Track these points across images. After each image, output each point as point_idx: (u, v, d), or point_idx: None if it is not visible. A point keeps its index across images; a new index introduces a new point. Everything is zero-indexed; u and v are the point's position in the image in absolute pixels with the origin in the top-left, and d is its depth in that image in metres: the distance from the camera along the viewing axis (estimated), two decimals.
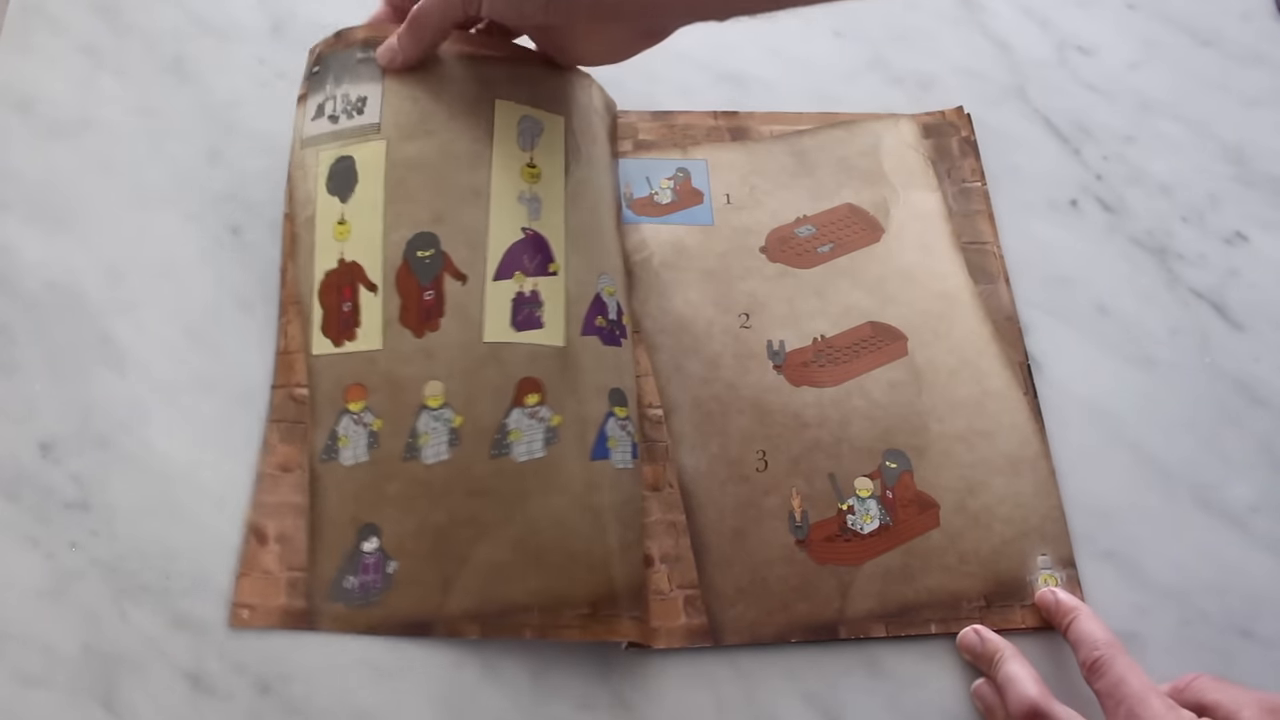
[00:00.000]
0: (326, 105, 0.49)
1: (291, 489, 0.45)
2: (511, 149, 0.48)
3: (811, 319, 0.51)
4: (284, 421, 0.46)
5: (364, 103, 0.48)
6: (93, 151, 0.52)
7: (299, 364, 0.46)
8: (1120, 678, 0.40)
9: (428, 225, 0.46)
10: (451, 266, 0.46)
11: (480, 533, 0.43)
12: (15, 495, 0.44)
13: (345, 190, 0.47)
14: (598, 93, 0.53)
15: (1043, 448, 0.49)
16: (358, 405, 0.45)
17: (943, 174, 0.56)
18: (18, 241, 0.49)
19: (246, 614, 0.43)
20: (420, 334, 0.45)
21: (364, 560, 0.44)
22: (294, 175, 0.49)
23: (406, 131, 0.47)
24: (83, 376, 0.47)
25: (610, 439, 0.45)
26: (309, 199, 0.48)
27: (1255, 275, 0.55)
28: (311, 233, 0.47)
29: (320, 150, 0.48)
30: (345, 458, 0.45)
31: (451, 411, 0.44)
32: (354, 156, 0.47)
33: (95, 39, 0.55)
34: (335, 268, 0.47)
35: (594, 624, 0.42)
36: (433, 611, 0.43)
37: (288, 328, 0.47)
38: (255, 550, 0.44)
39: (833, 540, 0.47)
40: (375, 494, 0.44)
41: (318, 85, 0.49)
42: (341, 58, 0.49)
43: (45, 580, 0.43)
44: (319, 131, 0.48)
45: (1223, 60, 0.61)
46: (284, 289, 0.48)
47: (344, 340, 0.46)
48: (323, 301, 0.47)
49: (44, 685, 0.41)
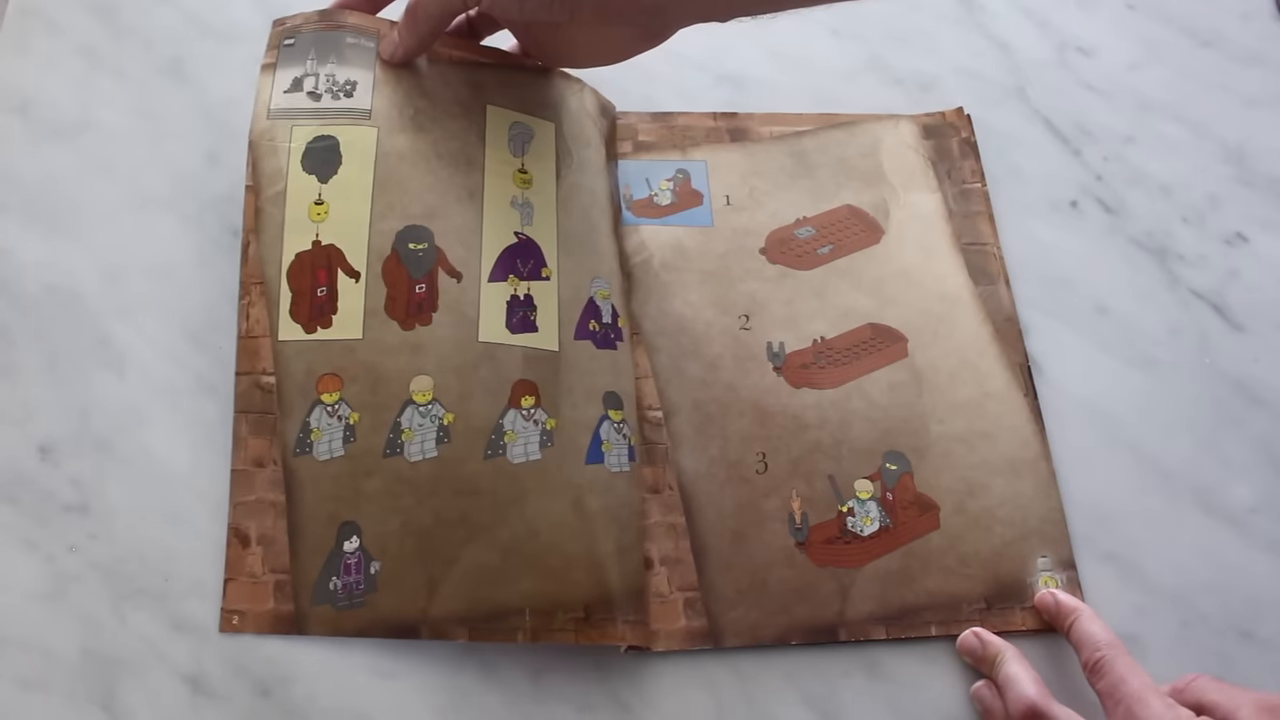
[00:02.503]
0: (306, 81, 0.47)
1: (267, 486, 0.43)
2: (503, 154, 0.48)
3: (811, 320, 0.51)
4: (251, 412, 0.44)
5: (354, 86, 0.47)
6: (91, 153, 0.52)
7: (264, 349, 0.44)
8: (1120, 678, 0.40)
9: (420, 219, 0.46)
10: (446, 263, 0.45)
11: (470, 534, 0.43)
12: (14, 498, 0.44)
13: (326, 170, 0.46)
14: (590, 96, 0.53)
15: (1043, 449, 0.49)
16: (332, 396, 0.43)
17: (943, 175, 0.56)
18: (16, 243, 0.49)
19: (236, 619, 0.42)
20: (409, 326, 0.44)
21: (346, 560, 0.43)
22: (259, 145, 0.46)
23: (398, 124, 0.47)
24: (81, 379, 0.47)
25: (604, 443, 0.45)
26: (279, 173, 0.46)
27: (1255, 276, 0.55)
28: (281, 209, 0.45)
29: (295, 125, 0.47)
30: (320, 451, 0.43)
31: (441, 408, 0.44)
32: (337, 138, 0.46)
33: (93, 41, 0.54)
34: (309, 249, 0.45)
35: (588, 628, 0.42)
36: (418, 614, 0.42)
37: (250, 310, 0.45)
38: (239, 553, 0.43)
39: (833, 542, 0.47)
40: (353, 490, 0.43)
41: (293, 58, 0.48)
42: (327, 37, 0.48)
43: (44, 583, 0.43)
44: (294, 105, 0.47)
45: (1223, 60, 0.61)
46: (245, 266, 0.45)
47: (317, 326, 0.44)
48: (292, 284, 0.45)
49: (43, 688, 0.41)
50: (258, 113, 0.47)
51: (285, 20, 0.49)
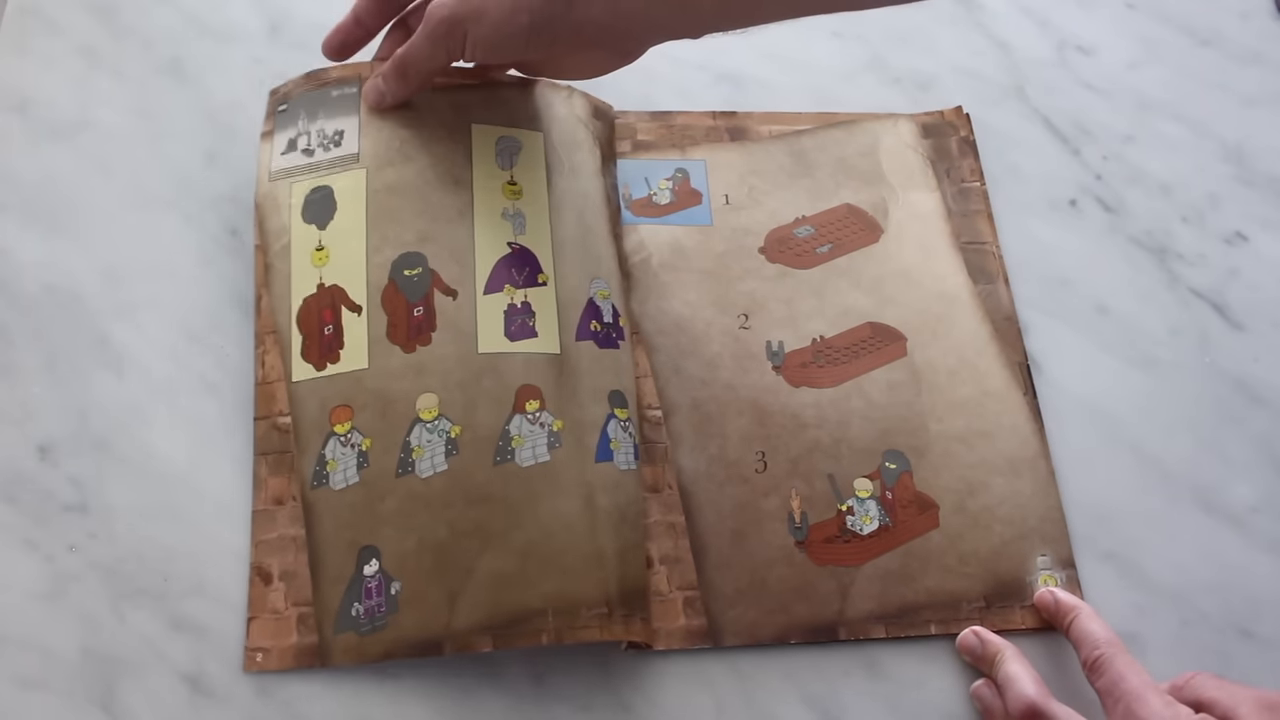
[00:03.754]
0: (299, 140, 0.50)
1: (288, 522, 0.44)
2: (491, 169, 0.49)
3: (810, 320, 0.51)
4: (270, 454, 0.45)
5: (341, 135, 0.49)
6: (90, 153, 0.52)
7: (280, 393, 0.46)
8: (1120, 675, 0.40)
9: (413, 245, 0.47)
10: (441, 283, 0.46)
11: (485, 543, 0.43)
12: (14, 498, 0.44)
13: (323, 218, 0.48)
14: (580, 101, 0.53)
15: (1042, 448, 0.49)
16: (344, 426, 0.45)
17: (942, 174, 0.56)
18: (15, 243, 0.49)
19: (260, 657, 0.42)
20: (410, 349, 0.45)
21: (367, 585, 0.43)
22: (263, 207, 0.49)
23: (386, 159, 0.48)
24: (81, 379, 0.47)
25: (613, 441, 0.45)
26: (283, 229, 0.48)
27: (1255, 275, 0.55)
28: (287, 261, 0.48)
29: (294, 182, 0.49)
30: (336, 481, 0.44)
31: (448, 422, 0.44)
32: (331, 186, 0.48)
33: (93, 40, 0.54)
34: (314, 293, 0.47)
35: (612, 624, 0.42)
36: (441, 629, 0.42)
37: (265, 358, 0.47)
38: (261, 591, 0.43)
39: (832, 541, 0.47)
40: (370, 514, 0.44)
41: (287, 122, 0.50)
42: (314, 96, 0.50)
43: (44, 583, 0.43)
44: (291, 165, 0.49)
45: (1222, 60, 0.61)
46: (258, 320, 0.47)
47: (326, 363, 0.46)
48: (302, 327, 0.46)
49: (42, 688, 0.41)
50: (260, 177, 0.49)
51: (278, 89, 0.51)
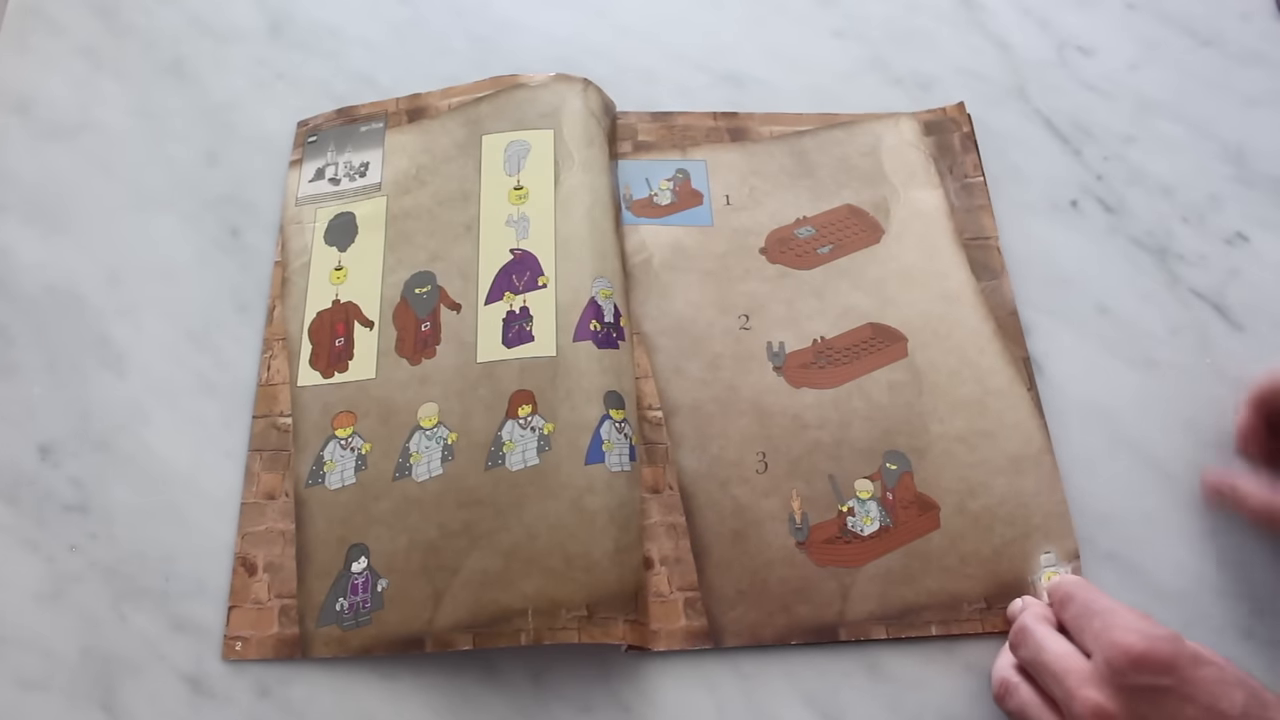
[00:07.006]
0: (327, 170, 0.53)
1: (278, 516, 0.45)
2: (499, 177, 0.51)
3: (811, 320, 0.51)
4: (265, 450, 0.46)
5: (366, 167, 0.53)
6: (91, 153, 0.52)
7: (282, 395, 0.48)
8: (1084, 602, 0.41)
9: (425, 265, 0.50)
10: (447, 298, 0.49)
11: (472, 543, 0.44)
12: (14, 498, 0.44)
13: (344, 241, 0.51)
14: (594, 95, 0.53)
15: (1046, 443, 0.49)
16: (345, 430, 0.47)
17: (944, 170, 0.56)
18: (16, 243, 0.49)
19: (240, 646, 0.43)
20: (416, 361, 0.48)
21: (353, 581, 0.44)
22: (288, 229, 0.52)
23: (405, 186, 0.52)
24: (81, 379, 0.47)
25: (605, 442, 0.45)
26: (304, 249, 0.51)
27: (1255, 275, 0.55)
28: (306, 277, 0.51)
29: (319, 208, 0.52)
30: (331, 481, 0.46)
31: (446, 430, 0.46)
32: (354, 212, 0.52)
33: (94, 40, 0.54)
34: (328, 307, 0.50)
35: (591, 626, 0.42)
36: (423, 626, 0.43)
37: (271, 361, 0.49)
38: (244, 581, 0.44)
39: (833, 542, 0.47)
40: (363, 514, 0.45)
41: (315, 152, 0.54)
42: (344, 130, 0.54)
43: (44, 583, 0.43)
44: (317, 192, 0.53)
45: (1223, 60, 0.61)
46: (269, 326, 0.49)
47: (334, 372, 0.48)
48: (312, 337, 0.49)
49: (43, 688, 0.41)
50: (287, 202, 0.53)
51: (308, 121, 0.55)
